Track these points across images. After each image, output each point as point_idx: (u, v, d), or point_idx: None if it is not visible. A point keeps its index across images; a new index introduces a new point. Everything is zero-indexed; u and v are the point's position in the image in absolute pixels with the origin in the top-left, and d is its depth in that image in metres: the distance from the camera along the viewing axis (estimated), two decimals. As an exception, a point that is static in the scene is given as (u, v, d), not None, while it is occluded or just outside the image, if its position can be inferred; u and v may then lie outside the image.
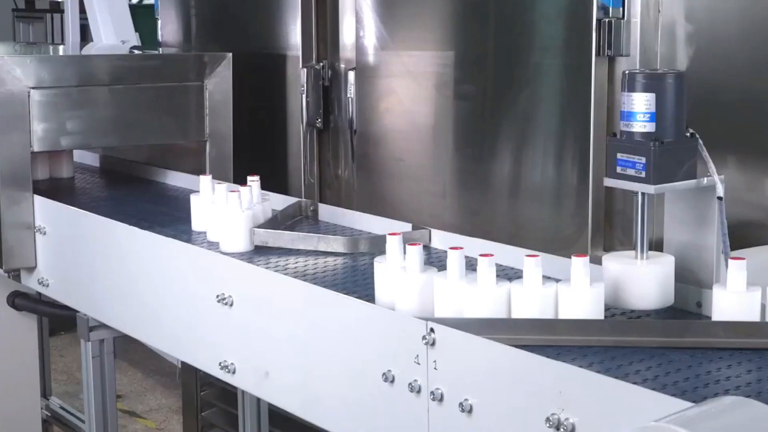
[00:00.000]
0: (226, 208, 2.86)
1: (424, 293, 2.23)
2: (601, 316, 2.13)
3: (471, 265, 2.22)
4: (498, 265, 2.42)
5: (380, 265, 2.34)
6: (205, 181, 3.12)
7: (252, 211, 2.89)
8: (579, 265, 2.14)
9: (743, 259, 2.13)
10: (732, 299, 2.10)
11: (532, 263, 2.16)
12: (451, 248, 2.23)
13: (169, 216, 3.34)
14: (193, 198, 3.14)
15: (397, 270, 2.28)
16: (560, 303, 2.14)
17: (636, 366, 1.93)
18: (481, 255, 2.18)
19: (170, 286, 2.89)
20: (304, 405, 2.45)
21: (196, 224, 3.10)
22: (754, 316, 2.09)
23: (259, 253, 2.83)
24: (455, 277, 2.21)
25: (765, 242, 3.15)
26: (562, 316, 2.14)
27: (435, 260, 2.75)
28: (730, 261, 2.13)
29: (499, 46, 3.30)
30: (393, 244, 2.35)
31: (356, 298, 2.32)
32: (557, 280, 2.21)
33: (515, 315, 2.15)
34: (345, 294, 2.35)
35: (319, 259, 2.80)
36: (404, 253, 2.31)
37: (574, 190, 3.03)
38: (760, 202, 3.32)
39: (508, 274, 2.50)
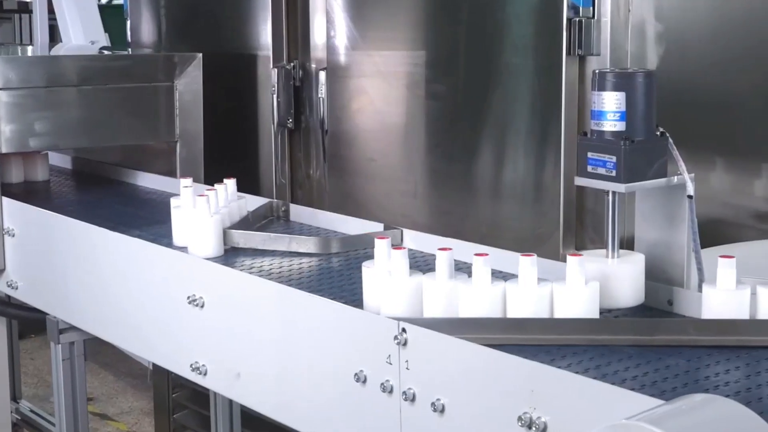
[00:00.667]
0: (195, 212, 2.82)
1: (413, 297, 2.21)
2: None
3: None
4: (464, 263, 2.43)
5: (368, 270, 2.32)
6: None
7: (220, 216, 2.84)
8: (574, 264, 2.13)
9: (733, 257, 2.12)
10: (722, 297, 2.09)
11: (527, 263, 2.15)
12: (440, 249, 2.23)
13: (139, 217, 3.32)
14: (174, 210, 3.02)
15: (384, 274, 2.25)
16: (556, 302, 2.14)
17: (608, 364, 1.93)
18: (476, 254, 2.17)
19: (141, 288, 2.87)
20: (276, 406, 2.44)
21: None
22: (743, 314, 2.09)
23: (230, 254, 2.81)
24: (444, 278, 2.20)
25: (735, 240, 3.17)
26: (558, 315, 2.14)
27: (414, 260, 2.74)
28: (720, 259, 2.12)
29: (470, 45, 3.30)
30: (381, 248, 2.31)
31: (328, 298, 2.31)
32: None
33: (510, 314, 2.14)
34: (317, 295, 2.34)
35: (290, 259, 2.79)
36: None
37: (545, 190, 3.04)
38: (731, 200, 3.34)
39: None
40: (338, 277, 2.63)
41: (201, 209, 2.80)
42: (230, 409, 3.90)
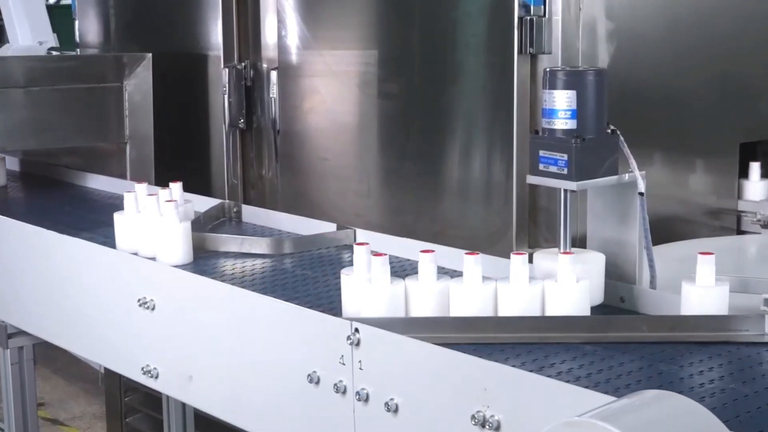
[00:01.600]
0: (164, 220, 2.72)
1: (396, 303, 2.19)
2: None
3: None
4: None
5: (347, 278, 2.28)
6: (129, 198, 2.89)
7: (189, 222, 2.78)
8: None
9: (712, 254, 2.13)
10: (701, 294, 2.10)
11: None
12: (423, 251, 2.22)
13: (88, 220, 3.28)
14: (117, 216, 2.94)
15: (364, 282, 2.23)
16: (547, 300, 2.15)
17: (561, 362, 1.94)
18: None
19: (91, 291, 2.83)
20: (229, 408, 2.42)
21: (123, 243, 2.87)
22: (722, 310, 2.10)
23: (181, 255, 2.78)
24: (430, 280, 2.20)
25: (687, 237, 3.20)
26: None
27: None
28: (699, 256, 2.12)
29: (423, 44, 3.30)
30: (360, 254, 2.28)
31: (281, 299, 2.29)
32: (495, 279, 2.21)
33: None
34: (269, 296, 2.32)
35: (243, 261, 2.77)
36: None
37: (498, 188, 3.04)
38: (681, 196, 3.36)
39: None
40: (291, 278, 2.61)
41: (169, 216, 2.72)
42: (183, 412, 3.86)
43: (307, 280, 2.59)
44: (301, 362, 2.16)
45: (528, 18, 2.91)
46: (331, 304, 2.38)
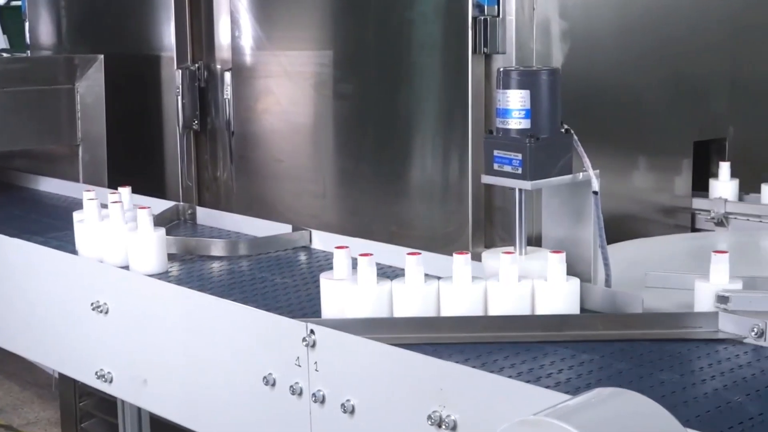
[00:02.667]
0: (140, 228, 2.64)
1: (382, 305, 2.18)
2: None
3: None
4: (378, 264, 2.42)
5: (327, 281, 2.26)
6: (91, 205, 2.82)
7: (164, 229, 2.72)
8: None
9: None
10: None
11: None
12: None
13: (40, 223, 3.25)
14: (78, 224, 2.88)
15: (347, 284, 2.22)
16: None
17: (515, 361, 1.94)
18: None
19: (44, 295, 2.80)
20: (184, 412, 2.40)
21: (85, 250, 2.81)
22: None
23: (135, 258, 2.75)
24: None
25: (640, 235, 3.21)
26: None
27: (323, 261, 2.74)
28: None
29: (377, 44, 3.29)
30: (340, 257, 2.26)
31: (236, 302, 2.28)
32: (438, 278, 2.21)
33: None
34: (225, 298, 2.30)
35: (197, 263, 2.74)
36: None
37: (454, 188, 3.04)
38: (636, 195, 3.38)
39: (386, 272, 2.49)
40: (247, 280, 2.60)
41: (144, 224, 2.64)
42: (139, 417, 3.83)
43: (263, 282, 2.58)
44: (256, 364, 2.15)
45: (482, 18, 2.91)
46: (287, 306, 2.37)
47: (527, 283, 2.15)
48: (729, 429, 1.65)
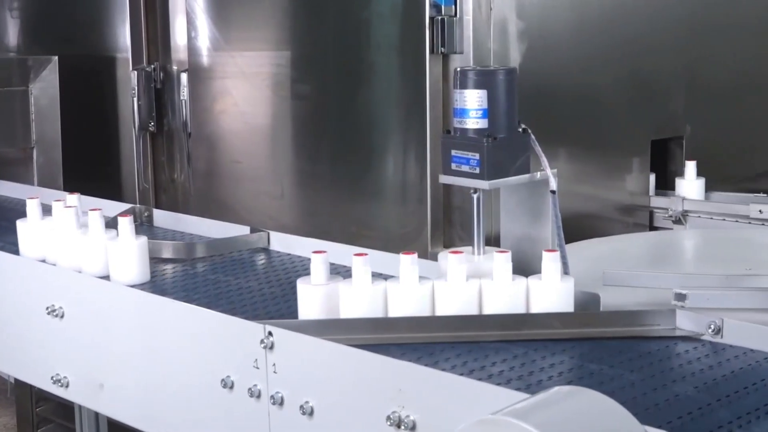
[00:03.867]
0: (120, 237, 2.53)
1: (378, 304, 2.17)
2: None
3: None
4: (338, 265, 2.41)
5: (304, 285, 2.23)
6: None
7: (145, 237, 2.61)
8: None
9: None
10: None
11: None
12: (314, 251, 2.20)
13: (-7, 226, 3.20)
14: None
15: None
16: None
17: (474, 360, 1.93)
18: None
19: (-2, 300, 2.77)
20: (142, 416, 2.37)
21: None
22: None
23: (91, 261, 2.72)
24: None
25: (599, 234, 3.23)
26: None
27: (281, 262, 2.72)
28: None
29: (335, 45, 3.28)
30: (317, 262, 2.22)
31: (193, 304, 2.26)
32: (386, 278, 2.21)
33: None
34: (182, 301, 2.28)
35: (154, 265, 2.72)
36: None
37: (412, 188, 3.04)
38: (595, 194, 3.40)
39: (341, 273, 2.48)
40: (203, 283, 2.58)
41: (125, 233, 2.52)
42: (96, 421, 3.80)
43: (221, 284, 2.56)
44: (214, 367, 2.13)
45: (439, 18, 2.91)
46: (245, 308, 2.35)
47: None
48: (678, 419, 1.66)
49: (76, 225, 2.66)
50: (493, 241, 2.55)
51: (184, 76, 3.71)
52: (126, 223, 2.53)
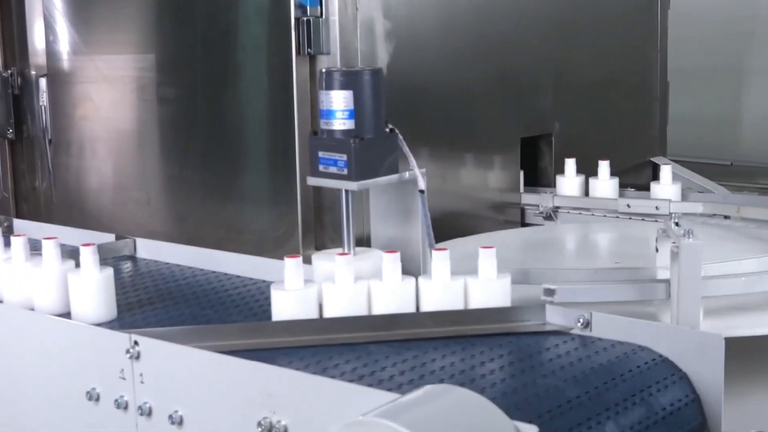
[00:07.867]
0: (84, 270, 2.23)
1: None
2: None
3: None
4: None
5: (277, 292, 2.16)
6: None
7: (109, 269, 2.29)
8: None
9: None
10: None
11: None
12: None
13: None
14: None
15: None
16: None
17: (345, 362, 1.91)
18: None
19: None
20: (5, 430, 2.29)
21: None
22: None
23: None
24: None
25: (468, 232, 3.25)
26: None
27: (143, 270, 2.65)
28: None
29: (200, 47, 3.23)
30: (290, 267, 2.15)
31: (51, 315, 2.19)
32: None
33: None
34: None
35: (15, 277, 2.62)
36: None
37: (282, 190, 3.01)
38: (466, 192, 3.42)
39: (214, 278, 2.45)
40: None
41: (87, 264, 2.24)
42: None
43: (85, 293, 2.48)
44: (79, 379, 2.07)
45: (305, 19, 2.88)
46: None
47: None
48: (548, 413, 1.67)
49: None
50: (365, 241, 2.54)
51: (43, 81, 3.61)
52: (89, 254, 2.23)
